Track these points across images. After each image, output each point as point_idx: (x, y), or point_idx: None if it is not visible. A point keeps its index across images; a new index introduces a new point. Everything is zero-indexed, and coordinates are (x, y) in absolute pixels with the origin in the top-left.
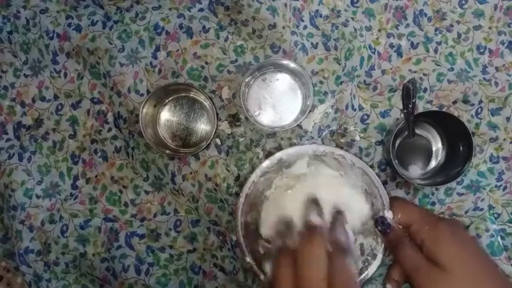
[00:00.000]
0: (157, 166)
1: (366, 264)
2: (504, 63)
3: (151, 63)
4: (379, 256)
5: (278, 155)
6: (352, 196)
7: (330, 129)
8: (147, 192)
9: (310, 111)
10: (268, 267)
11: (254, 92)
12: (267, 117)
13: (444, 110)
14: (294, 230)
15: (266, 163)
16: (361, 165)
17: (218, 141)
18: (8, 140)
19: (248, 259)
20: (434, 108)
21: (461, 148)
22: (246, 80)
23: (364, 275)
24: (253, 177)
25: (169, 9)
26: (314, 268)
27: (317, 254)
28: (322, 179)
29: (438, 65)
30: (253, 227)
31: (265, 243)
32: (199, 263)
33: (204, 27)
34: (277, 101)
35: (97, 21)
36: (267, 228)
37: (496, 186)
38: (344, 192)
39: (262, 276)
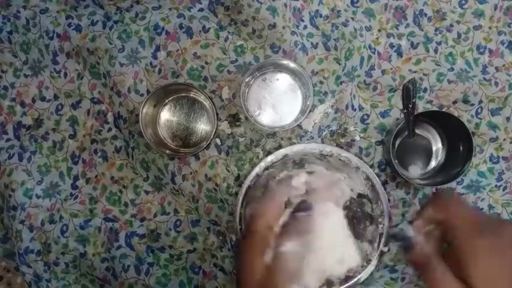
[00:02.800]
0: (157, 166)
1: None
2: (504, 63)
3: (151, 63)
4: (374, 262)
5: (283, 151)
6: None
7: (330, 129)
8: (147, 192)
9: (310, 111)
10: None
11: (254, 92)
12: (267, 117)
13: (444, 110)
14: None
15: (271, 157)
16: (365, 170)
17: (218, 141)
18: (8, 140)
19: None
20: (434, 108)
21: (461, 148)
22: (246, 80)
23: (356, 279)
24: (257, 170)
25: (169, 9)
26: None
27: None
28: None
29: (438, 65)
30: None
31: None
32: (199, 263)
33: (204, 27)
34: (277, 101)
35: (97, 21)
36: None
37: (496, 186)
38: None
39: None
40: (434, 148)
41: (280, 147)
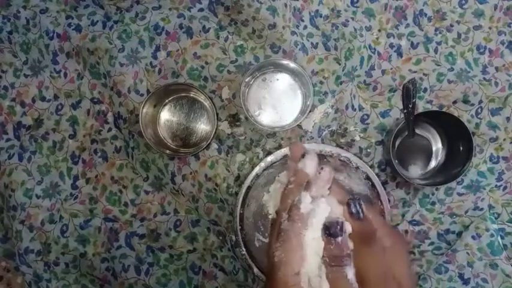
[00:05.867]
0: (157, 166)
1: None
2: (504, 63)
3: (151, 63)
4: None
5: (283, 151)
6: None
7: (330, 129)
8: (147, 192)
9: (310, 111)
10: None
11: (254, 92)
12: (267, 117)
13: (444, 110)
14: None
15: (271, 157)
16: (365, 170)
17: (218, 141)
18: (8, 140)
19: (243, 251)
20: (434, 108)
21: (461, 148)
22: (246, 80)
23: None
24: (257, 170)
25: (169, 9)
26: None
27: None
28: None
29: (438, 65)
30: (250, 220)
31: (261, 236)
32: (199, 263)
33: (204, 27)
34: (277, 101)
35: (97, 21)
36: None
37: (496, 186)
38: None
39: (255, 269)
40: (434, 148)
41: (280, 147)
